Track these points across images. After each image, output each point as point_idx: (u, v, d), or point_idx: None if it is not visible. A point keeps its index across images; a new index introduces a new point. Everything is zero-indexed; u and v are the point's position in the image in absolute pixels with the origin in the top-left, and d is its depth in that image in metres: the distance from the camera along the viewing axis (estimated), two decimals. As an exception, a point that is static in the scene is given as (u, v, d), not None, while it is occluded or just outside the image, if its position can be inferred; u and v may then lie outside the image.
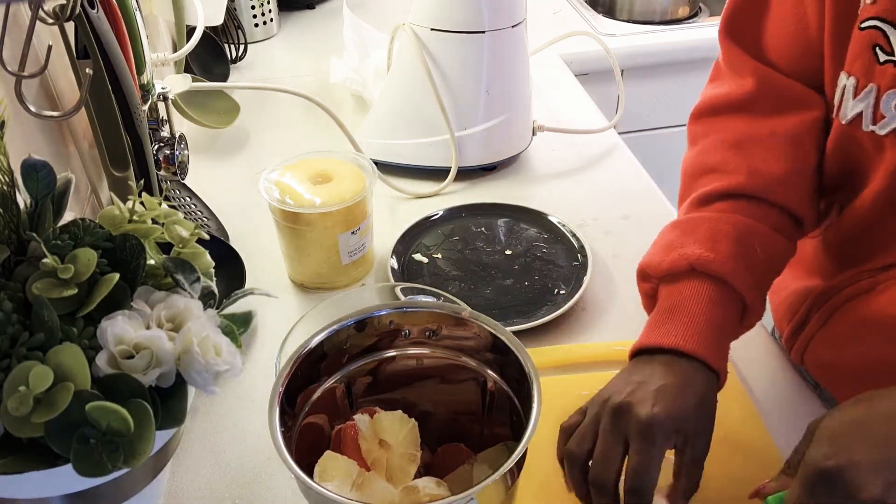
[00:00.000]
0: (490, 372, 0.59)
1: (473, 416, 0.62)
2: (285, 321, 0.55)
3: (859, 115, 0.61)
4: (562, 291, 0.82)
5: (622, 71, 1.25)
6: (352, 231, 0.81)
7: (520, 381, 0.55)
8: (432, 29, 0.96)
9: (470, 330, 0.58)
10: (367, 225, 0.83)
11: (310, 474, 0.50)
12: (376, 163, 0.87)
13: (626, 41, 1.45)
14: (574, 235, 0.90)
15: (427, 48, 0.97)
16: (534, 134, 1.08)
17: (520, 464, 0.51)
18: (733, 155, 0.68)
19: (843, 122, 0.63)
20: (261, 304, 0.74)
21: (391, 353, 0.60)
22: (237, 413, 0.71)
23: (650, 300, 0.68)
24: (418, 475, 0.57)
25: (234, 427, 0.70)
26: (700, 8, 1.69)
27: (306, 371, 0.56)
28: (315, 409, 0.57)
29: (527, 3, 0.99)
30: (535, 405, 0.51)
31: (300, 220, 0.79)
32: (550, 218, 0.94)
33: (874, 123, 0.60)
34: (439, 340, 0.60)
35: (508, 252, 0.90)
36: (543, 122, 1.09)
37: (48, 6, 0.62)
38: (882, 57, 0.58)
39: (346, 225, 0.80)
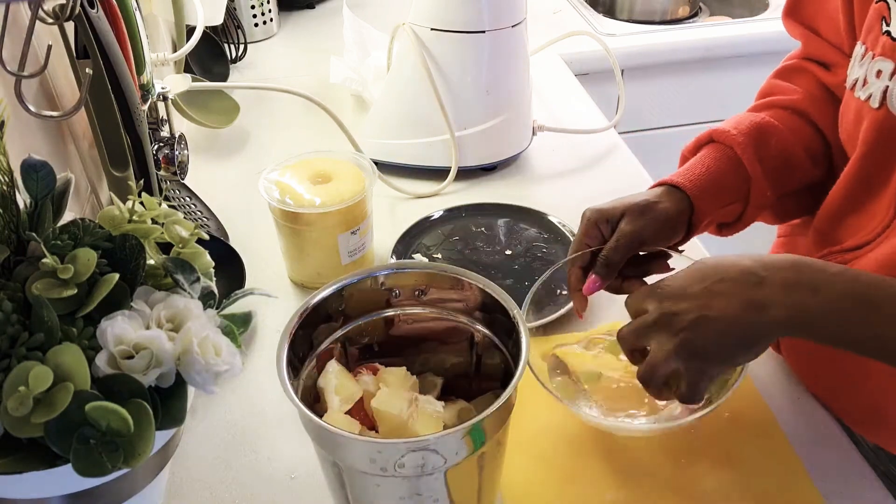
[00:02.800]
0: (479, 327, 0.60)
1: (465, 377, 0.63)
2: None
3: (856, 81, 0.65)
4: (563, 292, 0.82)
5: (622, 71, 1.25)
6: (352, 231, 0.81)
7: (508, 333, 0.57)
8: (432, 29, 0.96)
9: (460, 291, 0.59)
10: (367, 225, 0.83)
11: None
12: (376, 163, 0.87)
13: (626, 41, 1.44)
14: (574, 235, 0.90)
15: (427, 48, 0.97)
16: (534, 134, 1.08)
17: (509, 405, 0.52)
18: (777, 81, 0.80)
19: (847, 87, 0.67)
20: (261, 304, 0.74)
21: (387, 313, 0.61)
22: (237, 413, 0.71)
23: None
24: None
25: (234, 427, 0.70)
26: (700, 8, 1.69)
27: (302, 336, 0.57)
28: (311, 372, 0.59)
29: (527, 3, 0.99)
30: (523, 343, 0.53)
31: (300, 220, 0.79)
32: (550, 218, 0.94)
33: (861, 89, 0.64)
34: (429, 301, 0.61)
35: (508, 252, 0.90)
36: (543, 122, 1.09)
37: (48, 6, 0.62)
38: (884, 27, 0.61)
39: (346, 225, 0.80)
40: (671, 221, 0.69)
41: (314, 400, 0.58)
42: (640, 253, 0.70)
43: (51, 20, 0.63)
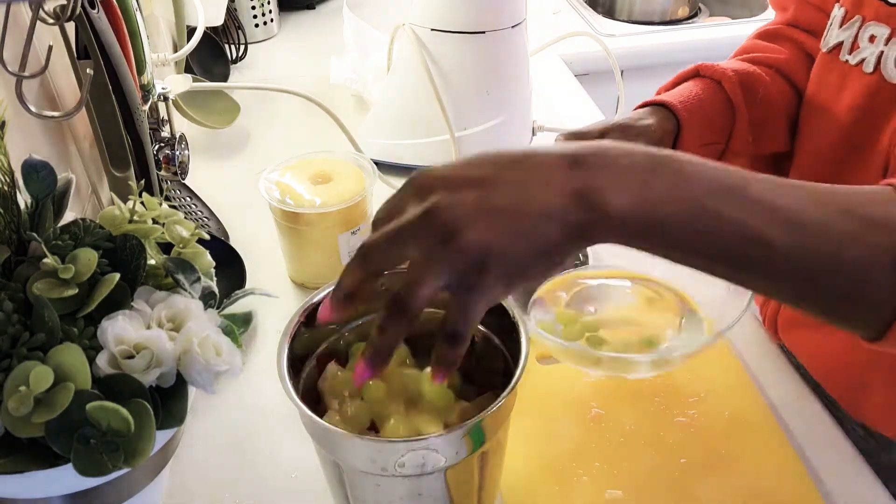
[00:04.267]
0: (479, 327, 0.59)
1: (465, 377, 0.62)
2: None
3: (839, 45, 0.65)
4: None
5: (622, 71, 1.25)
6: (352, 231, 0.81)
7: (508, 333, 0.56)
8: (432, 29, 0.96)
9: None
10: (367, 225, 0.83)
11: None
12: (376, 163, 0.87)
13: (626, 41, 1.45)
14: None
15: (427, 48, 0.97)
16: (534, 134, 1.08)
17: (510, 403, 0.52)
18: (760, 42, 0.78)
19: (824, 50, 0.67)
20: (261, 304, 0.74)
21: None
22: (237, 413, 0.71)
23: None
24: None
25: (234, 426, 0.70)
26: (700, 8, 1.69)
27: (302, 336, 0.57)
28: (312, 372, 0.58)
29: (527, 3, 0.99)
30: (523, 343, 0.52)
31: (300, 220, 0.79)
32: (550, 218, 0.93)
33: (850, 53, 0.64)
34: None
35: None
36: (543, 122, 1.09)
37: (48, 6, 0.62)
38: None
39: (346, 225, 0.80)
40: (655, 140, 0.63)
41: (315, 400, 0.58)
42: None
43: (51, 21, 0.63)
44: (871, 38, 0.62)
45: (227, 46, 1.31)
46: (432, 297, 0.39)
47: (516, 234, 0.38)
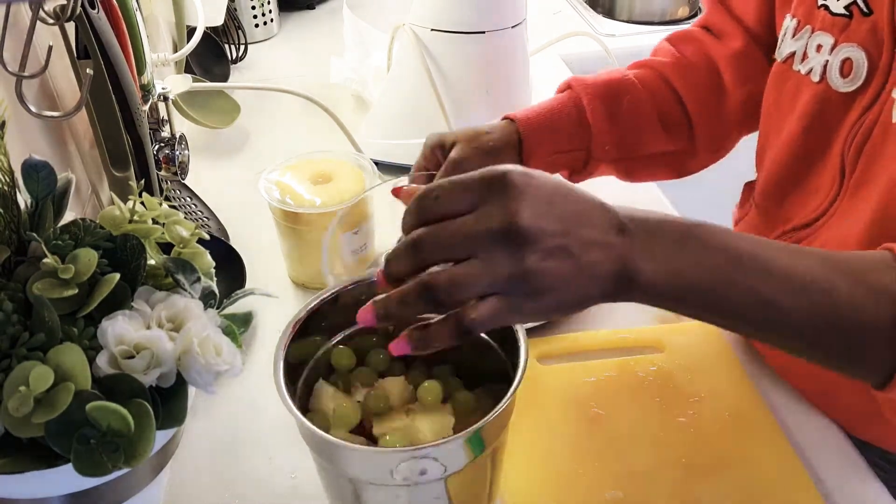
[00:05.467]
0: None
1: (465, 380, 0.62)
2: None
3: (792, 54, 0.66)
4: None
5: (622, 71, 1.25)
6: (352, 231, 0.81)
7: (507, 338, 0.55)
8: (432, 29, 0.96)
9: None
10: (368, 225, 0.83)
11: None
12: (376, 163, 0.87)
13: (626, 41, 1.45)
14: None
15: (427, 48, 0.97)
16: (534, 134, 1.08)
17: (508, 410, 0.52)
18: (664, 45, 0.83)
19: (779, 60, 0.68)
20: (261, 304, 0.74)
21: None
22: (237, 413, 0.71)
23: None
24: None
25: (234, 426, 0.70)
26: (700, 8, 1.69)
27: (298, 345, 0.56)
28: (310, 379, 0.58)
29: (527, 3, 0.99)
30: (521, 348, 0.52)
31: (300, 220, 0.79)
32: (550, 218, 0.94)
33: (801, 63, 0.65)
34: None
35: (508, 252, 0.90)
36: (543, 122, 1.09)
37: (48, 6, 0.62)
38: (820, 1, 0.63)
39: (346, 225, 0.80)
40: (496, 151, 0.72)
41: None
42: None
43: (51, 21, 0.63)
44: (818, 48, 0.63)
45: (227, 46, 1.31)
46: (472, 297, 0.43)
47: (572, 281, 0.43)
